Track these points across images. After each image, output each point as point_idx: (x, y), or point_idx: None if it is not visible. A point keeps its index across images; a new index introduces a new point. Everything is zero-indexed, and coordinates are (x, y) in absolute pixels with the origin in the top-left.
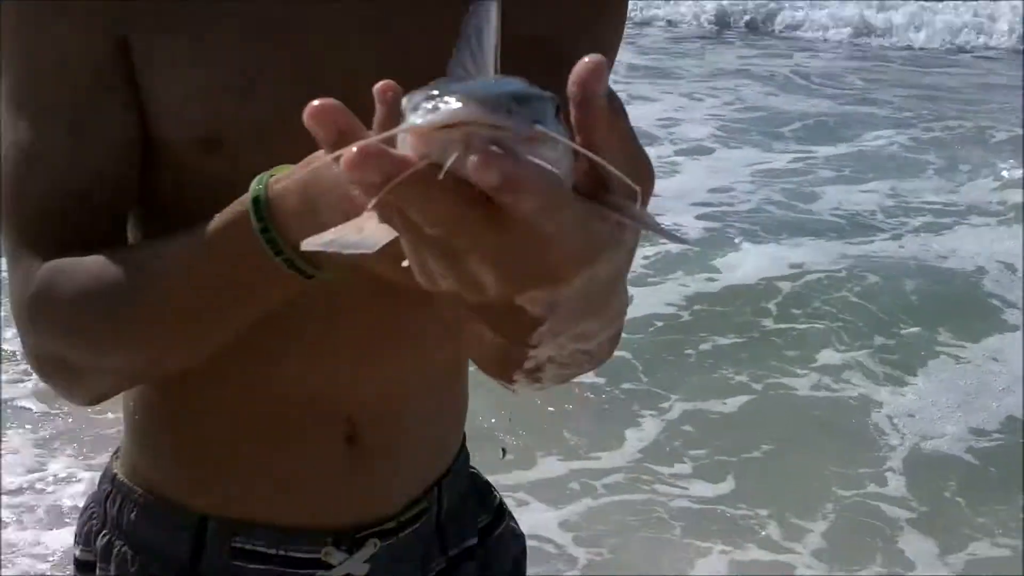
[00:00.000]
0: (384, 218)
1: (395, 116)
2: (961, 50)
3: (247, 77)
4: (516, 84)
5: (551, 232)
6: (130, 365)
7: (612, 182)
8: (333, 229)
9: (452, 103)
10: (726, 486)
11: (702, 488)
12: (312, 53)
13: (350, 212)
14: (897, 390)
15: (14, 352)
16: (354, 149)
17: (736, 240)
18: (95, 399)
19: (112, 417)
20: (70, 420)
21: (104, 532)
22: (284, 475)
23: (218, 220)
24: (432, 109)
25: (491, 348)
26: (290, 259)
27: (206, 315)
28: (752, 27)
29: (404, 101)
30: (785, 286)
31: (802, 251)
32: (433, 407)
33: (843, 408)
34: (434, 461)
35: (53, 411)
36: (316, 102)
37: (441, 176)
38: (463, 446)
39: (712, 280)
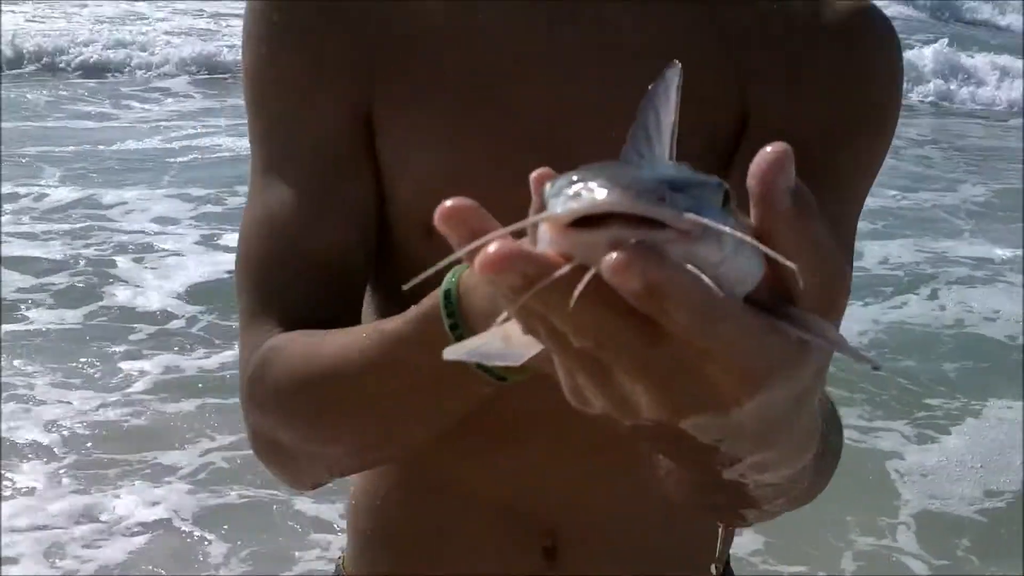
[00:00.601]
0: (527, 328)
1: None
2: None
3: (470, 165)
4: (675, 168)
5: (711, 348)
6: (334, 455)
7: (797, 292)
8: (478, 336)
9: (595, 189)
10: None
11: None
12: (535, 141)
13: None
14: (922, 447)
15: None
16: (490, 249)
17: None
18: (310, 485)
19: None
20: None
21: None
22: None
23: (414, 312)
24: (573, 196)
25: (674, 477)
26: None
27: (401, 413)
28: None
29: (547, 188)
30: None
31: None
32: (653, 531)
33: (864, 461)
34: None
35: None
36: (448, 202)
37: (583, 283)
38: None
39: None
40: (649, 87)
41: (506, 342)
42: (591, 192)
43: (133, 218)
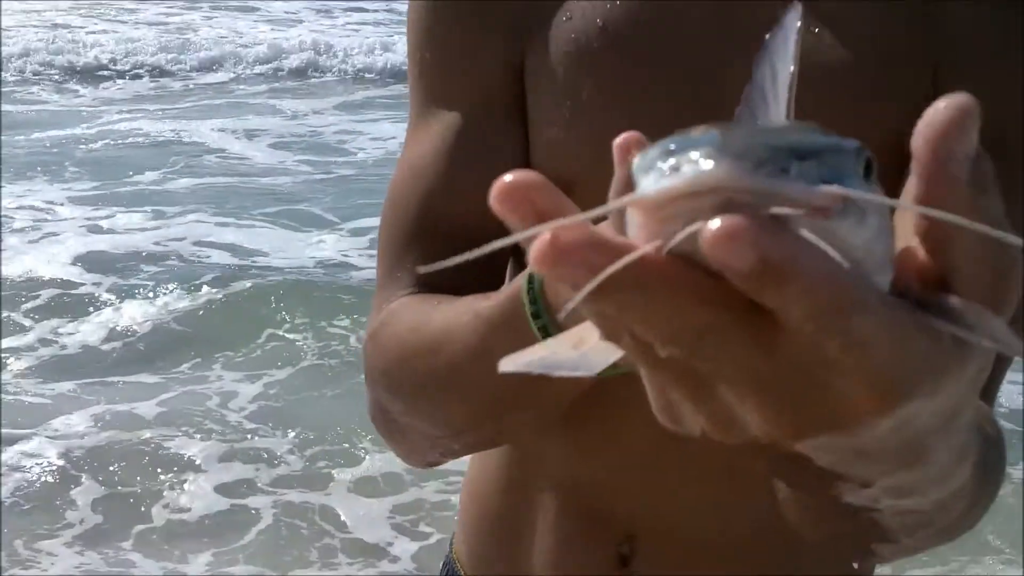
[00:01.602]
0: (606, 333)
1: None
2: None
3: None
4: (800, 130)
5: (842, 350)
6: (437, 433)
7: (957, 280)
8: (546, 343)
9: (698, 160)
10: None
11: None
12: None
13: None
14: None
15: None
16: (547, 235)
17: None
18: (423, 463)
19: None
20: None
21: None
22: None
23: (503, 295)
24: (669, 171)
25: (789, 497)
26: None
27: (496, 398)
28: None
29: (636, 161)
30: None
31: None
32: (746, 545)
33: None
34: None
35: None
36: (508, 176)
37: (667, 262)
38: None
39: None
40: (766, 36)
41: (579, 348)
42: (693, 164)
43: None
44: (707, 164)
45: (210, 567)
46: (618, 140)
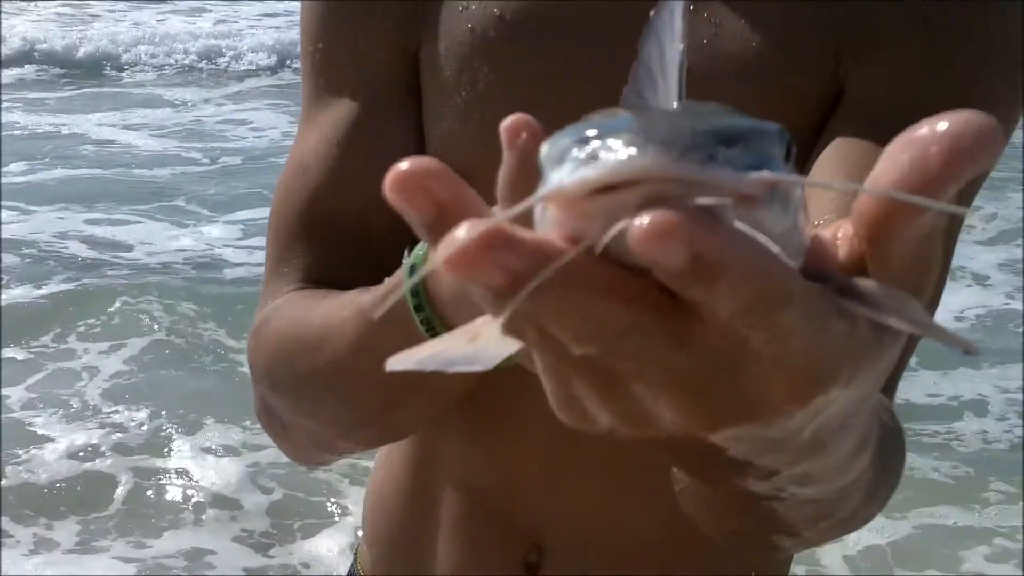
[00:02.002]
0: (510, 329)
1: (532, 174)
2: None
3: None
4: (720, 114)
5: (764, 343)
6: (322, 432)
7: (881, 267)
8: (439, 339)
9: (618, 148)
10: None
11: None
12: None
13: None
14: None
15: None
16: (459, 234)
17: None
18: (309, 461)
19: None
20: None
21: None
22: None
23: (384, 287)
24: (586, 159)
25: (689, 491)
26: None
27: (381, 394)
28: None
29: (544, 149)
30: None
31: None
32: (653, 546)
33: None
34: None
35: None
36: (405, 163)
37: (587, 260)
38: None
39: None
40: (651, 13)
41: (474, 341)
42: (614, 152)
43: None
44: (630, 152)
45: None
46: (506, 123)
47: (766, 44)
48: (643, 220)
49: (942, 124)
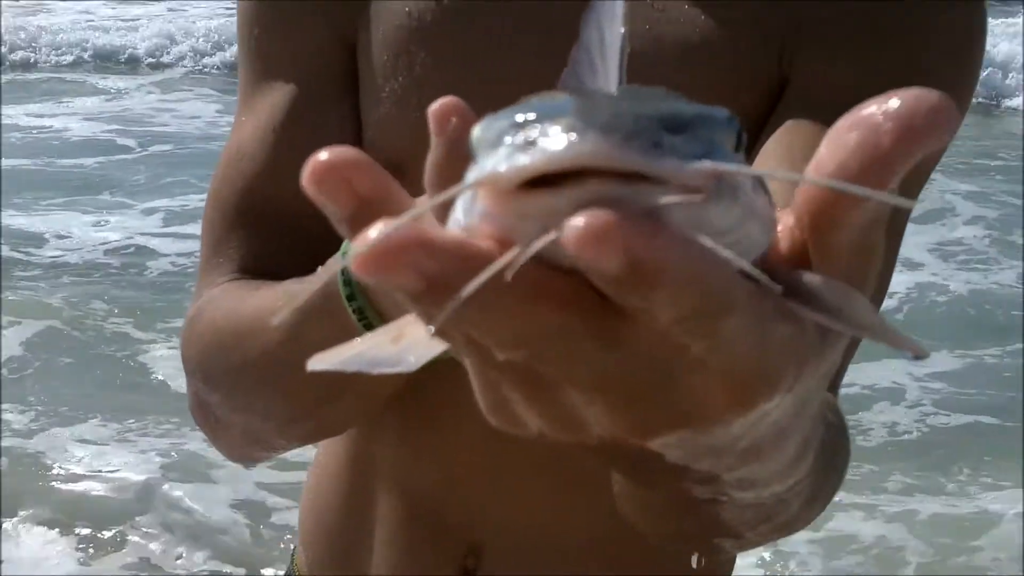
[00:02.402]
0: (436, 331)
1: (462, 161)
2: None
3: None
4: (665, 98)
5: (706, 351)
6: (257, 426)
7: (825, 260)
8: (363, 339)
9: (557, 135)
10: None
11: None
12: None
13: None
14: None
15: None
16: (371, 234)
17: None
18: (244, 458)
19: None
20: None
21: None
22: None
23: (317, 277)
24: (523, 145)
25: (626, 493)
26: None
27: (315, 388)
28: None
29: (475, 131)
30: None
31: None
32: (592, 547)
33: None
34: None
35: None
36: (324, 153)
37: (516, 268)
38: None
39: None
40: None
41: (399, 341)
42: (552, 138)
43: None
44: (569, 138)
45: None
46: (434, 107)
47: (710, 31)
48: (578, 221)
49: (893, 101)
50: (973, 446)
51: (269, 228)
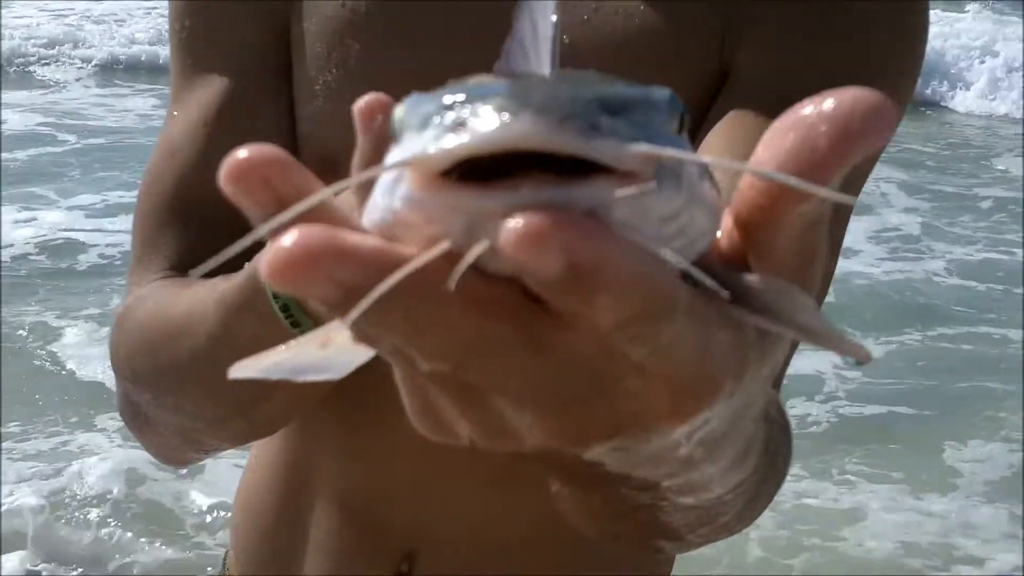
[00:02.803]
0: (360, 338)
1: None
2: None
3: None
4: (602, 80)
5: (645, 357)
6: (187, 426)
7: (764, 261)
8: (289, 344)
9: (489, 115)
10: None
11: None
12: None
13: None
14: None
15: None
16: (283, 243)
17: None
18: (175, 460)
19: None
20: None
21: None
22: None
23: (244, 274)
24: (452, 126)
25: (564, 495)
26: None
27: (244, 387)
28: None
29: (399, 111)
30: None
31: None
32: (530, 549)
33: None
34: None
35: None
36: (243, 151)
37: (435, 267)
38: None
39: None
40: None
41: (325, 347)
42: (485, 119)
43: None
44: (502, 118)
45: None
46: (359, 104)
47: (649, 23)
48: (515, 224)
49: (829, 102)
50: (877, 437)
51: (201, 224)
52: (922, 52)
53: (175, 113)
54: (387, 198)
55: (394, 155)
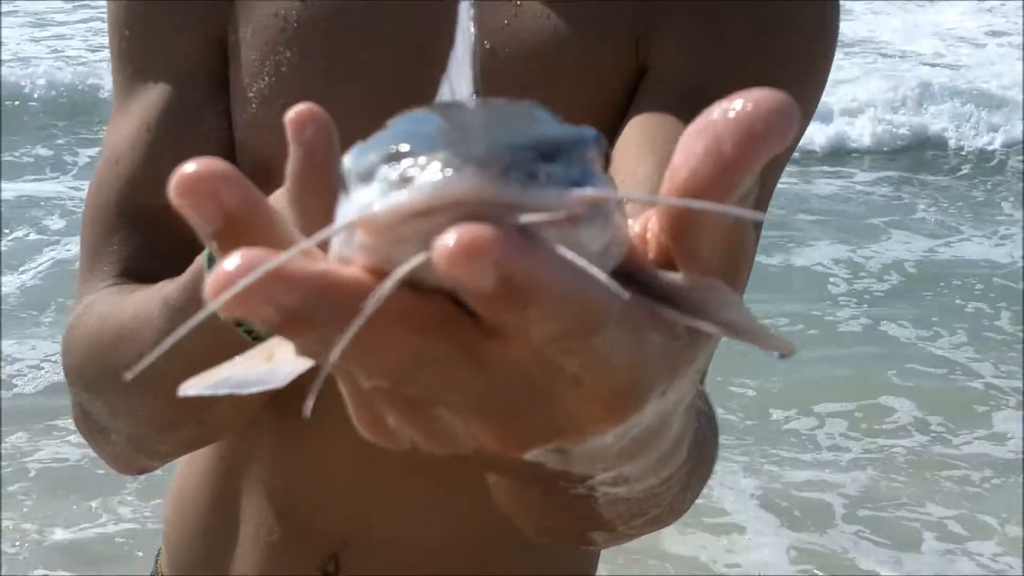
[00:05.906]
0: (304, 352)
1: (321, 170)
2: None
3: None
4: (533, 116)
5: (580, 368)
6: (138, 433)
7: (691, 264)
8: (233, 361)
9: (433, 170)
10: None
11: None
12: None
13: None
14: None
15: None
16: (226, 267)
17: None
18: (129, 468)
19: None
20: None
21: None
22: None
23: (186, 277)
24: (399, 182)
25: (502, 488)
26: (258, 336)
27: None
28: None
29: (346, 162)
30: None
31: None
32: (462, 545)
33: None
34: None
35: None
36: (191, 164)
37: (383, 294)
38: None
39: None
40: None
41: (269, 362)
42: (428, 174)
43: None
44: (446, 173)
45: None
46: (290, 115)
47: (566, 25)
48: (449, 239)
49: (735, 106)
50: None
51: (147, 230)
52: (831, 49)
53: (118, 121)
54: (344, 247)
55: (344, 211)
